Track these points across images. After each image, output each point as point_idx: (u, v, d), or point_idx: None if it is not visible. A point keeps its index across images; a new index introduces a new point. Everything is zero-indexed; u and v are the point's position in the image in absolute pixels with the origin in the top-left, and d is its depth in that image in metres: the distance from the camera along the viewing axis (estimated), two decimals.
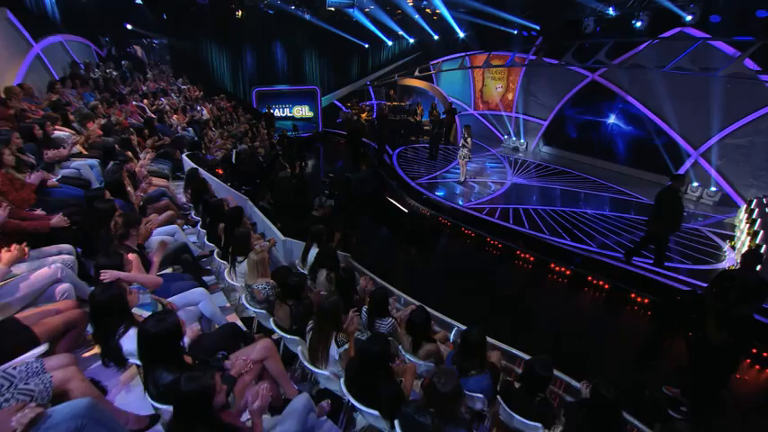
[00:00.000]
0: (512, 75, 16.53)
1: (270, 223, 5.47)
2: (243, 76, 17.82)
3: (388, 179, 11.69)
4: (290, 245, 5.15)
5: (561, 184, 11.79)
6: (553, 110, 15.03)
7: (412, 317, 3.44)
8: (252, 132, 12.00)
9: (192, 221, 5.36)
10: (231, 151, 9.70)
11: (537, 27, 14.12)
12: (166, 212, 4.61)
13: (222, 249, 4.34)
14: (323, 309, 2.94)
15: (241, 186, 7.69)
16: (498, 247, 8.39)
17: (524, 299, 6.90)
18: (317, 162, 14.84)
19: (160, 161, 7.31)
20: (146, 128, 7.48)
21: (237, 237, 3.84)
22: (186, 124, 10.01)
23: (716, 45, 10.04)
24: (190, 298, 3.14)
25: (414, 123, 17.40)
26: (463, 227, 9.03)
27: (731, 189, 10.51)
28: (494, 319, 5.67)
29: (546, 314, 6.39)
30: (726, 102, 10.25)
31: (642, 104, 12.22)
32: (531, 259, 7.93)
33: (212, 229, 4.67)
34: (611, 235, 8.53)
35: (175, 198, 5.81)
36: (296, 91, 18.45)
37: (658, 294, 6.49)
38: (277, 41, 17.95)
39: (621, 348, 5.61)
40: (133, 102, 9.68)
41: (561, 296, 7.10)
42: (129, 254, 2.94)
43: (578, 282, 7.27)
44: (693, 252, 7.89)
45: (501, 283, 7.38)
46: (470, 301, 6.28)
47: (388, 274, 6.19)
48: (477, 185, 11.52)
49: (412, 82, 18.99)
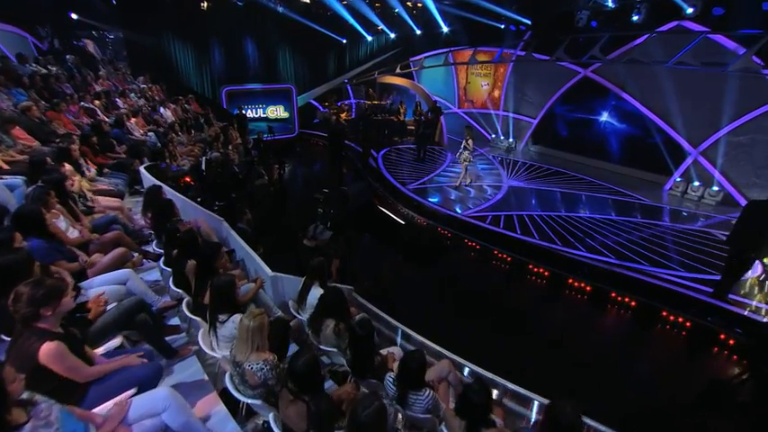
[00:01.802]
0: (498, 71, 15.88)
1: (252, 253, 4.40)
2: (211, 74, 16.34)
3: (380, 188, 10.71)
4: (282, 282, 4.11)
5: (559, 187, 11.17)
6: (543, 107, 14.46)
7: (468, 394, 2.49)
8: (223, 137, 10.74)
9: (153, 255, 4.22)
10: (200, 159, 8.49)
11: (528, 21, 13.47)
12: (115, 251, 3.47)
13: (193, 298, 3.27)
14: (362, 421, 1.94)
15: (214, 201, 6.54)
16: (507, 260, 7.59)
17: (543, 323, 6.10)
18: (303, 171, 13.65)
19: (114, 175, 6.08)
20: (94, 134, 6.20)
21: (218, 288, 2.80)
22: (146, 129, 8.72)
23: (716, 39, 9.62)
24: (148, 407, 2.06)
25: (397, 123, 16.48)
26: (466, 238, 8.19)
27: (733, 188, 10.15)
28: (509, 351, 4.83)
29: (569, 342, 5.61)
30: (726, 98, 9.87)
31: (638, 101, 11.77)
32: (545, 274, 7.17)
33: (179, 266, 3.58)
34: (629, 244, 7.88)
35: (131, 222, 4.63)
36: (269, 90, 17.09)
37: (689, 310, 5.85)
38: (247, 36, 16.57)
39: (680, 391, 4.83)
40: (82, 103, 8.30)
41: (585, 318, 6.35)
42: (46, 344, 1.86)
43: (600, 298, 6.55)
44: (710, 258, 7.32)
45: (516, 307, 6.57)
46: (486, 334, 5.43)
47: (396, 303, 5.27)
48: (472, 190, 10.72)
49: (392, 80, 18.08)
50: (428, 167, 12.67)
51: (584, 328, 6.13)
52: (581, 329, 6.03)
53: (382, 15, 16.29)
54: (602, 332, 6.14)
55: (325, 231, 5.99)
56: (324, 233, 5.50)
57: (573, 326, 6.09)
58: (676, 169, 11.16)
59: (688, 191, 10.77)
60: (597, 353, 5.39)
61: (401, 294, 6.24)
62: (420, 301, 6.11)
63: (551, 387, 3.60)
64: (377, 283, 5.75)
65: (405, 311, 4.94)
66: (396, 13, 15.71)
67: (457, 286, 6.78)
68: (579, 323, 6.21)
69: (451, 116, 17.31)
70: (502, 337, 5.37)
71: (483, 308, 6.19)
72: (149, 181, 5.53)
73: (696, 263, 7.09)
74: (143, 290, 3.23)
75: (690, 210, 10.07)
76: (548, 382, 3.77)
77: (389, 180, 11.00)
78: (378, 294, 5.07)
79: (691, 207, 10.28)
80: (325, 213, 5.47)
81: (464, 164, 10.42)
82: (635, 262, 7.10)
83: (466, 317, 5.81)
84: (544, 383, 3.63)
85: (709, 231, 8.54)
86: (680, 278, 6.57)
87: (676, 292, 6.18)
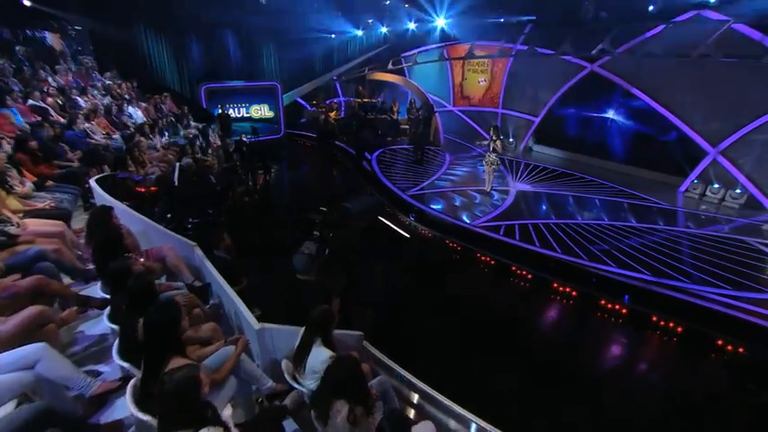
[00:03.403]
0: (497, 67, 15.02)
1: (232, 294, 3.36)
2: (189, 70, 15.07)
3: (380, 197, 9.70)
4: (271, 335, 3.08)
5: (570, 190, 10.33)
6: (546, 105, 13.65)
7: None
8: (202, 140, 9.60)
9: (97, 302, 3.15)
10: (173, 166, 7.37)
11: (532, 18, 12.63)
12: (23, 314, 2.37)
13: (141, 383, 2.22)
14: None
15: (186, 219, 5.46)
16: (528, 278, 6.69)
17: (579, 358, 5.21)
18: (291, 175, 12.52)
19: (61, 188, 4.96)
20: (33, 138, 5.04)
21: (171, 392, 1.76)
22: (107, 131, 7.56)
23: (740, 30, 8.90)
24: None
25: (391, 122, 15.47)
26: (479, 252, 7.26)
27: (757, 190, 9.46)
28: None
29: (612, 382, 4.75)
30: (750, 93, 9.17)
31: (650, 97, 11.02)
32: (573, 294, 6.28)
33: (128, 326, 2.55)
34: (661, 256, 7.06)
35: (66, 257, 3.53)
36: (253, 88, 15.88)
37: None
38: (228, 30, 15.35)
39: None
40: (30, 101, 7.10)
41: (625, 347, 5.48)
42: None
43: (639, 322, 5.69)
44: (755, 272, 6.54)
45: (546, 337, 5.68)
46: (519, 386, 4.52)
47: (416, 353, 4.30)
48: (479, 196, 9.81)
49: (383, 76, 17.05)
50: (427, 170, 11.73)
51: (628, 366, 5.26)
52: (624, 369, 5.17)
53: (372, 8, 15.30)
54: (649, 369, 5.27)
55: (314, 249, 4.92)
56: (312, 260, 4.42)
57: (614, 363, 5.22)
58: (693, 170, 10.44)
59: (707, 193, 10.06)
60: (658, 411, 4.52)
61: (411, 325, 5.28)
62: (434, 337, 5.15)
63: None
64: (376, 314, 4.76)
65: (418, 349, 3.98)
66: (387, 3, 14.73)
67: (474, 312, 5.83)
68: (620, 359, 5.35)
69: (446, 115, 16.39)
70: (539, 392, 4.45)
71: (509, 345, 5.24)
72: (101, 198, 4.43)
73: (744, 278, 6.30)
74: (63, 376, 2.18)
75: (712, 213, 9.36)
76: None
77: (388, 186, 10.01)
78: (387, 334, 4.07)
79: (710, 210, 9.57)
80: (324, 238, 4.47)
81: (491, 167, 9.50)
82: (671, 277, 6.28)
83: (490, 362, 4.84)
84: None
85: (743, 239, 7.79)
86: (728, 297, 5.77)
87: (733, 316, 5.36)
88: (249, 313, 3.17)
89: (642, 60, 10.45)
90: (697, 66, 9.50)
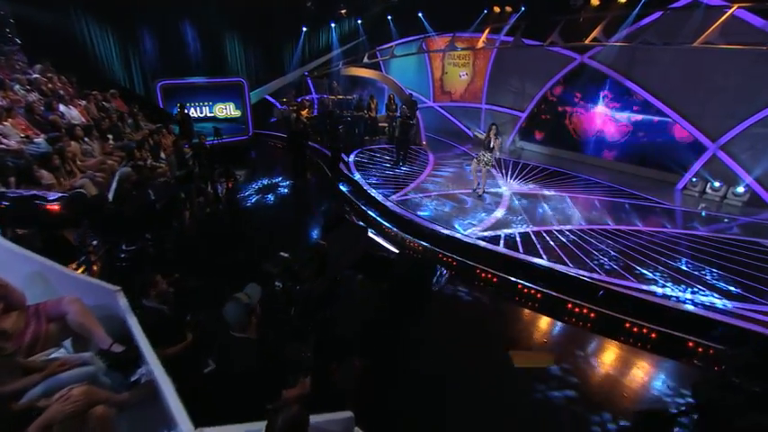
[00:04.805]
0: (479, 59, 14.19)
1: (163, 377, 2.23)
2: (141, 64, 13.49)
3: (357, 202, 8.59)
4: None
5: (565, 191, 9.57)
6: (533, 99, 12.92)
7: None
8: (151, 142, 8.26)
9: None
10: (113, 176, 6.08)
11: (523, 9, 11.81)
12: None
13: None
14: None
15: (120, 245, 4.24)
16: (537, 297, 5.80)
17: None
18: (261, 184, 11.21)
19: None
20: None
21: None
22: (28, 134, 6.18)
23: (741, 16, 8.34)
24: None
25: (368, 120, 14.38)
26: (479, 269, 6.32)
27: (760, 187, 8.96)
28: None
29: None
30: (752, 84, 8.65)
31: (644, 89, 10.40)
32: (591, 316, 5.43)
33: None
34: (685, 268, 6.32)
35: None
36: (216, 84, 14.42)
37: None
38: (186, 19, 13.85)
39: None
40: None
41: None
42: None
43: (676, 348, 4.88)
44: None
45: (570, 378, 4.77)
46: None
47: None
48: (470, 200, 8.89)
49: (359, 71, 15.96)
50: (410, 172, 10.73)
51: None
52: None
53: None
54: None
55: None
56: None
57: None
58: (691, 166, 9.88)
59: (707, 190, 9.52)
60: None
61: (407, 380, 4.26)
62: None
63: None
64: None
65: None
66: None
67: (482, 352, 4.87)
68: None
69: (426, 111, 15.44)
70: None
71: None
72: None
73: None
74: None
75: (717, 213, 8.79)
76: None
77: (369, 193, 8.93)
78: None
79: (711, 209, 9.01)
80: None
81: (486, 167, 8.58)
82: (700, 293, 5.53)
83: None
84: None
85: (758, 241, 7.18)
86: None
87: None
88: (182, 412, 2.05)
89: (635, 50, 9.85)
90: (692, 56, 8.95)
